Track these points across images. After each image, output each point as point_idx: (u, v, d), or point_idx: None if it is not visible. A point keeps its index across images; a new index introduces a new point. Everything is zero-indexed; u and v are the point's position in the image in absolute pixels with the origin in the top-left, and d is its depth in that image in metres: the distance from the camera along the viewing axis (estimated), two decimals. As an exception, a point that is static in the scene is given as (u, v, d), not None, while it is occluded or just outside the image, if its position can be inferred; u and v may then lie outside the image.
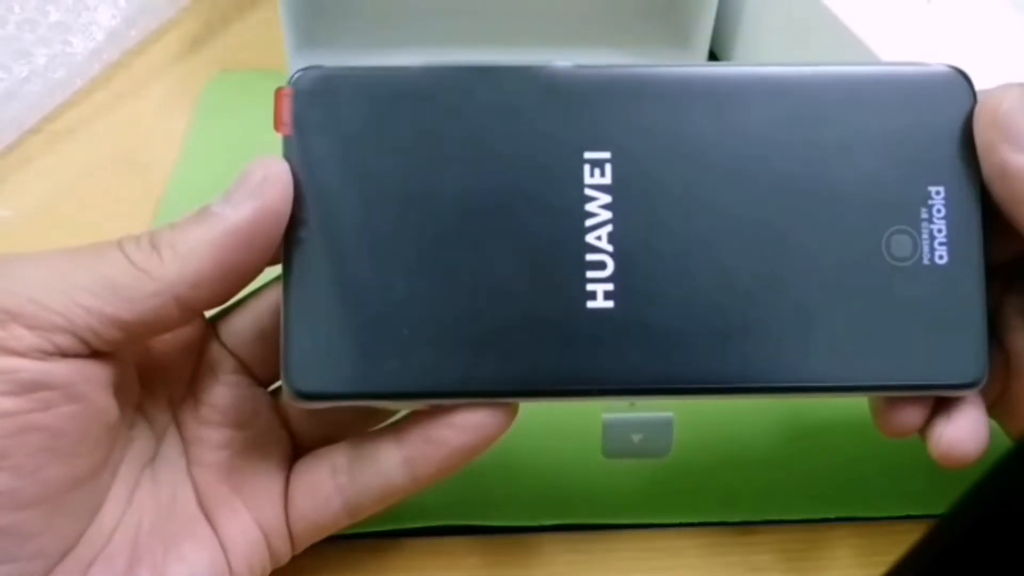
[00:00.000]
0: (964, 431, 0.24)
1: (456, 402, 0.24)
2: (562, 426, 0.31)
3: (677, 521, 0.30)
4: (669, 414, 0.26)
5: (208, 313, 0.26)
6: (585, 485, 0.30)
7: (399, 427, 0.25)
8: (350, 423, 0.27)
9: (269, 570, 0.26)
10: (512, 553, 0.29)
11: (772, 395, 0.24)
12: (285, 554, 0.26)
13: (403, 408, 0.26)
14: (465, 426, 0.24)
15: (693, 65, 0.25)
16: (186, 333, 0.26)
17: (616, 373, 0.24)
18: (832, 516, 0.30)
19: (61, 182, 0.39)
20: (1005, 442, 0.27)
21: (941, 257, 0.24)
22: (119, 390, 0.24)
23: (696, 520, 0.30)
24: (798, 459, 0.31)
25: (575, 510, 0.30)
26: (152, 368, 0.25)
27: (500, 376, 0.24)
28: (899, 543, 0.18)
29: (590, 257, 0.24)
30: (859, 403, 0.27)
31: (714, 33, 0.42)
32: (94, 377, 0.23)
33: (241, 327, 0.26)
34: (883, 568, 0.18)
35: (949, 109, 0.24)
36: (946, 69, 0.25)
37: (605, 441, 0.26)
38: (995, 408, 0.26)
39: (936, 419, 0.25)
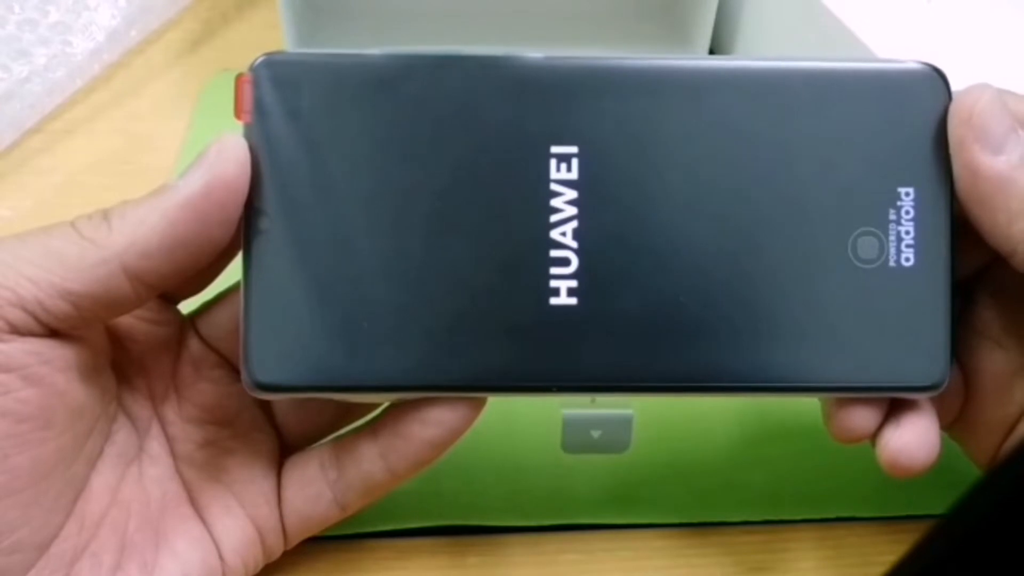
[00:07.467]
0: (912, 437, 0.24)
1: (418, 396, 0.24)
2: (522, 421, 0.31)
3: (646, 521, 0.29)
4: (629, 411, 0.26)
5: (187, 310, 0.26)
6: (546, 483, 0.30)
7: (376, 422, 0.25)
8: (335, 418, 0.27)
9: (262, 565, 0.26)
10: (512, 553, 0.29)
11: (733, 394, 0.24)
12: (278, 549, 0.26)
13: (365, 401, 0.26)
14: (430, 420, 0.24)
15: (664, 58, 0.24)
16: (162, 328, 0.25)
17: (577, 369, 0.24)
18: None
19: (61, 182, 0.39)
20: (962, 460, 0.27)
21: (908, 259, 0.24)
22: (85, 375, 0.23)
23: (672, 521, 0.30)
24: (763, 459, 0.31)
25: (537, 510, 0.30)
26: (130, 364, 0.25)
27: (460, 370, 0.23)
28: (898, 543, 0.18)
29: (554, 253, 0.23)
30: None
31: (714, 33, 0.42)
32: (52, 358, 0.22)
33: (220, 321, 0.26)
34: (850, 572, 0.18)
35: (923, 108, 0.24)
36: (920, 66, 0.24)
37: (565, 436, 0.26)
38: (954, 428, 0.26)
39: (886, 425, 0.24)
